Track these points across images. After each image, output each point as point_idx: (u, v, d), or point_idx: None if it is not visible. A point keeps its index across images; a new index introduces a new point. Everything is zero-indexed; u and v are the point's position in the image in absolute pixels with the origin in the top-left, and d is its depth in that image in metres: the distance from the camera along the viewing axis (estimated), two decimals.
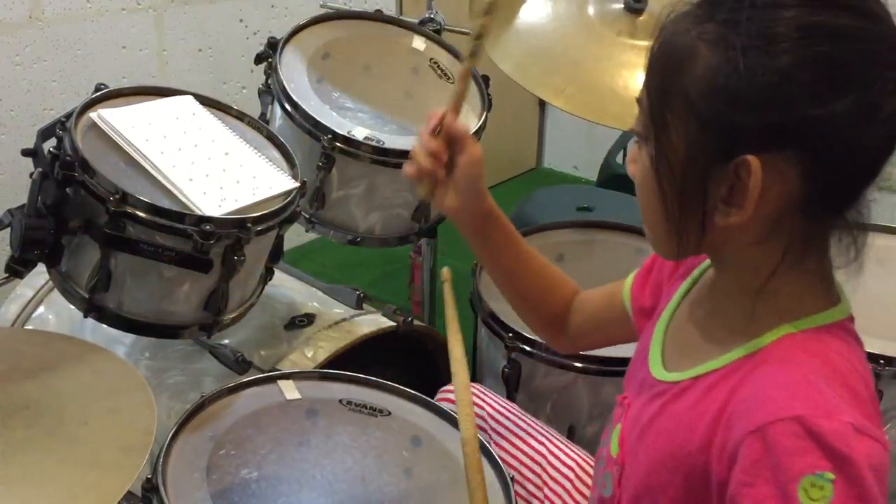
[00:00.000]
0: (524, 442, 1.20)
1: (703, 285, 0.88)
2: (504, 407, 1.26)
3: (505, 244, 1.07)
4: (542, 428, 1.23)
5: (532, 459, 1.18)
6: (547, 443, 1.19)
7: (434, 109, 0.99)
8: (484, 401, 1.27)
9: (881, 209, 2.64)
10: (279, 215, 1.32)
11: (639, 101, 0.77)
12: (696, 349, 0.82)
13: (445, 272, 1.13)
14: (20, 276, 1.29)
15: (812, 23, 0.68)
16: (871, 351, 1.34)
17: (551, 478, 1.15)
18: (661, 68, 0.74)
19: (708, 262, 0.87)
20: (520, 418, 1.24)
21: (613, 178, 2.49)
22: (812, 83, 0.67)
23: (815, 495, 0.65)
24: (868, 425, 0.68)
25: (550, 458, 1.17)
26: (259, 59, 1.61)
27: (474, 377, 1.68)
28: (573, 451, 1.18)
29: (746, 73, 0.68)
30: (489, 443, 1.17)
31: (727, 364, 0.77)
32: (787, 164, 0.69)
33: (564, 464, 1.16)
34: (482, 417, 1.23)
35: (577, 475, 1.15)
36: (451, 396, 1.26)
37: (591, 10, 1.75)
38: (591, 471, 1.13)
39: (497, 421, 1.23)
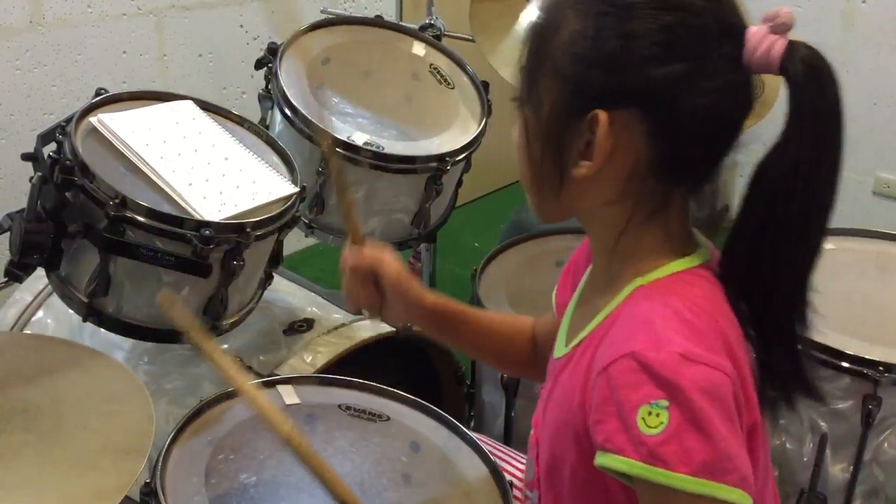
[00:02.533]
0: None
1: (590, 272, 0.94)
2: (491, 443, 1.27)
3: (457, 329, 1.13)
4: (509, 450, 1.25)
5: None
6: (515, 462, 1.21)
7: (344, 252, 1.08)
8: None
9: (881, 215, 2.63)
10: (279, 220, 1.32)
11: (521, 68, 0.84)
12: (580, 321, 0.88)
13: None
14: (19, 280, 1.29)
15: None
16: (872, 358, 1.35)
17: (518, 489, 1.16)
18: (537, 34, 0.82)
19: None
20: (497, 448, 1.26)
21: None
22: (653, 47, 0.75)
23: (653, 423, 0.70)
24: (699, 353, 0.72)
25: (518, 473, 1.18)
26: (259, 64, 1.61)
27: (474, 384, 1.68)
28: None
29: (600, 37, 0.76)
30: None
31: (595, 327, 0.83)
32: (632, 120, 0.77)
33: None
34: None
35: None
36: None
37: None
38: None
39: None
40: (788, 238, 0.79)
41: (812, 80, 0.75)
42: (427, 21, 1.91)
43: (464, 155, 1.61)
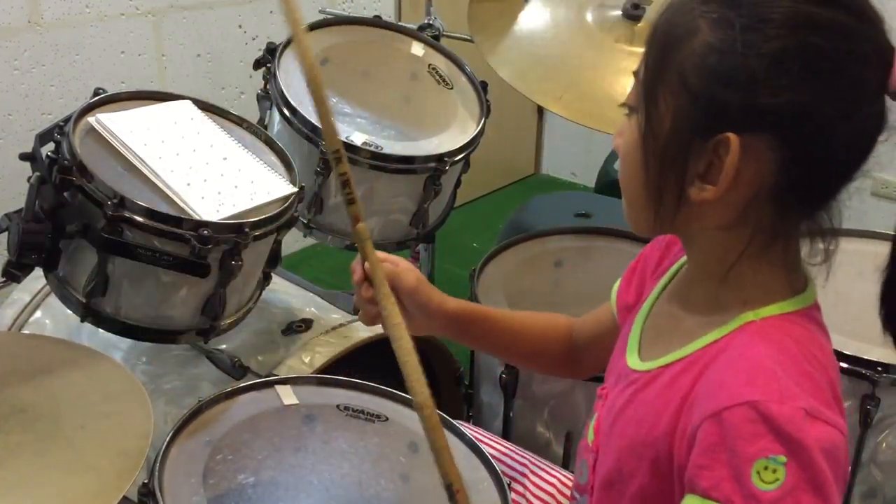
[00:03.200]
0: (501, 461, 1.20)
1: (679, 279, 0.90)
2: (489, 437, 1.26)
3: (486, 331, 1.09)
4: (522, 451, 1.24)
5: (516, 472, 1.19)
6: (529, 464, 1.21)
7: (352, 265, 1.02)
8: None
9: (881, 217, 2.63)
10: (277, 220, 1.32)
11: (635, 73, 0.79)
12: (667, 339, 0.84)
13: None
14: (17, 280, 1.28)
15: (806, 13, 0.70)
16: (870, 358, 1.35)
17: (533, 495, 1.15)
18: (662, 42, 0.76)
19: (685, 258, 0.89)
20: (498, 442, 1.25)
21: (611, 185, 2.49)
22: (798, 71, 0.70)
23: (768, 478, 0.67)
24: (821, 410, 0.70)
25: (531, 476, 1.18)
26: (258, 64, 1.61)
27: (472, 385, 1.68)
28: (555, 470, 1.20)
29: (739, 53, 0.70)
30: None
31: (693, 352, 0.79)
32: (764, 147, 0.71)
33: (545, 480, 1.18)
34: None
35: (557, 489, 1.16)
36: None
37: (589, 17, 1.75)
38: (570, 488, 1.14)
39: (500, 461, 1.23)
40: None
41: None
42: (426, 21, 1.91)
43: (462, 155, 1.61)
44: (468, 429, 1.19)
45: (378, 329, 1.52)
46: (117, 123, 1.32)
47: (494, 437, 1.27)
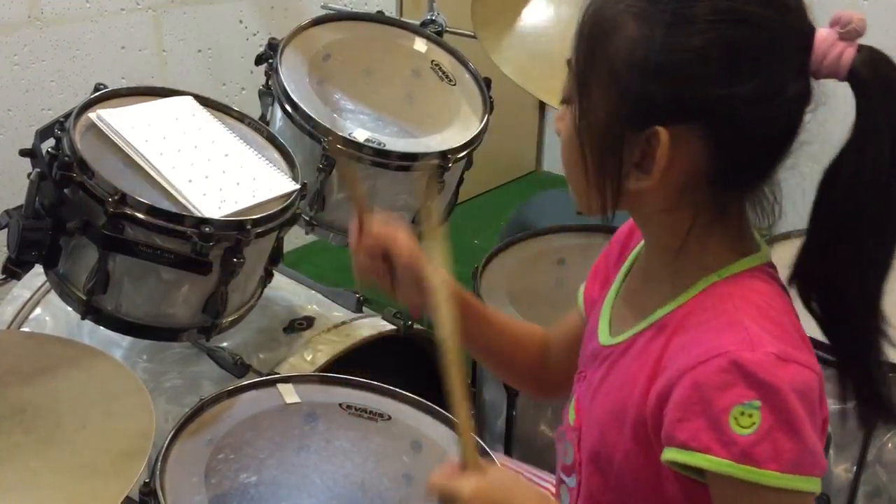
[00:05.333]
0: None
1: (640, 258, 0.93)
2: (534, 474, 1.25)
3: (472, 320, 1.06)
4: (514, 463, 1.25)
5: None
6: (524, 472, 1.21)
7: (352, 223, 1.00)
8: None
9: None
10: (279, 217, 1.31)
11: (568, 63, 0.82)
12: (635, 312, 0.87)
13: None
14: (17, 277, 1.28)
15: (724, 8, 0.73)
16: None
17: None
18: (590, 35, 0.78)
19: (644, 242, 0.93)
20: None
21: None
22: (720, 64, 0.72)
23: (745, 423, 0.70)
24: (791, 352, 0.72)
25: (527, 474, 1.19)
26: (260, 60, 1.60)
27: (475, 383, 1.67)
28: (547, 481, 1.19)
29: (663, 49, 0.73)
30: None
31: (662, 317, 0.82)
32: (693, 137, 0.74)
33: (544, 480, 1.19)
34: None
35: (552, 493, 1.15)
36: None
37: None
38: None
39: None
40: (864, 240, 0.77)
41: (882, 87, 0.74)
42: (428, 17, 1.90)
43: (465, 152, 1.60)
44: None
45: (380, 327, 1.53)
46: (118, 119, 1.31)
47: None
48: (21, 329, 1.56)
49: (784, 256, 0.83)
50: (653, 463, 0.78)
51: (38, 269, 1.29)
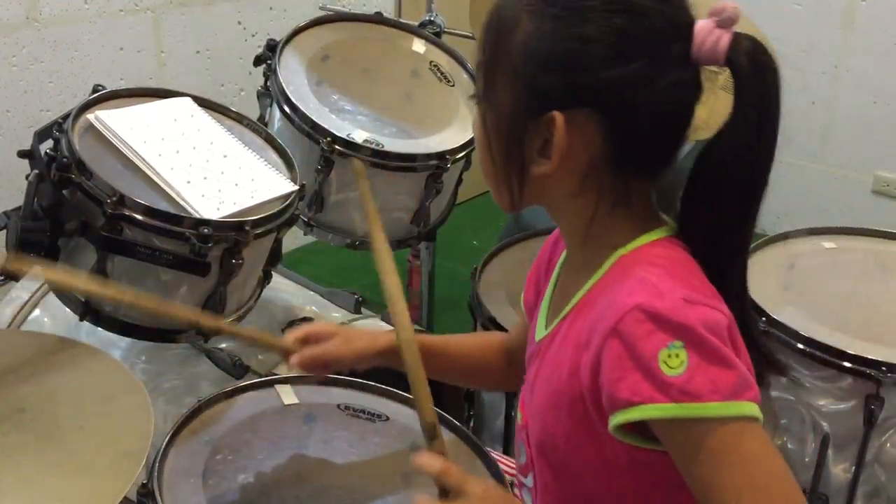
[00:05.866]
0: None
1: (565, 259, 0.97)
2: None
3: (433, 360, 1.10)
4: (500, 456, 1.25)
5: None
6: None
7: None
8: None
9: (882, 214, 2.61)
10: (278, 218, 1.31)
11: (477, 64, 0.87)
12: (560, 302, 0.92)
13: (358, 165, 1.20)
14: (16, 278, 1.28)
15: (610, 0, 0.79)
16: (874, 357, 1.34)
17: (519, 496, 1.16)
18: (493, 34, 0.84)
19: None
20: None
21: None
22: (605, 51, 0.78)
23: (674, 363, 0.74)
24: (698, 297, 0.77)
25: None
26: (258, 61, 1.60)
27: None
28: None
29: (553, 39, 0.79)
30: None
31: (580, 298, 0.87)
32: (587, 120, 0.80)
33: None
34: None
35: None
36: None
37: None
38: None
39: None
40: (730, 214, 0.83)
41: (755, 71, 0.79)
42: (427, 18, 1.90)
43: (464, 153, 1.60)
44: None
45: (379, 328, 1.53)
46: (116, 120, 1.31)
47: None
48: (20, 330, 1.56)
49: (780, 257, 0.84)
50: (595, 439, 0.81)
51: None
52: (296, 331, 1.13)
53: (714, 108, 0.83)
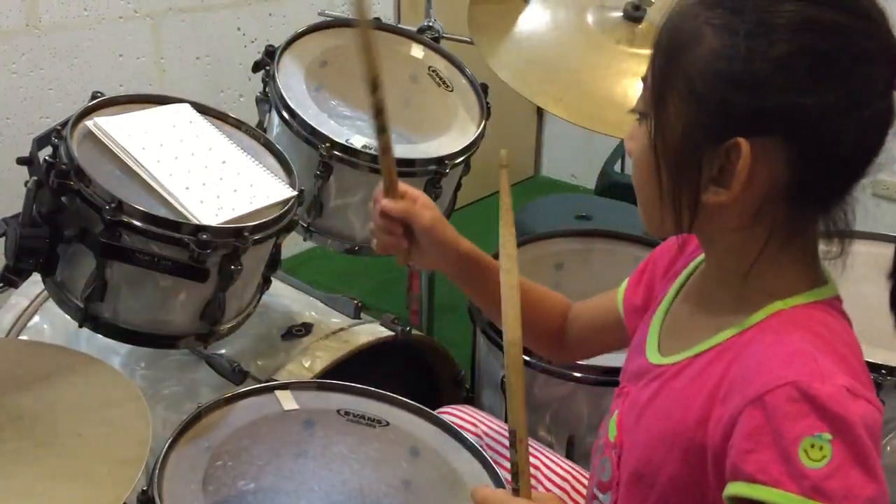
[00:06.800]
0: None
1: (696, 277, 0.91)
2: (499, 425, 1.25)
3: (489, 279, 1.08)
4: (537, 444, 1.24)
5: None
6: (541, 456, 1.20)
7: (376, 193, 1.05)
8: (477, 419, 1.26)
9: (882, 218, 2.62)
10: (277, 224, 1.31)
11: (643, 79, 0.81)
12: (690, 333, 0.84)
13: (504, 155, 1.08)
14: (15, 285, 1.28)
15: (810, 17, 0.71)
16: (874, 360, 1.34)
17: (546, 490, 1.14)
18: (667, 48, 0.77)
19: (701, 257, 0.90)
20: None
21: (612, 187, 2.48)
22: (804, 74, 0.71)
23: (816, 456, 0.67)
24: (860, 388, 0.71)
25: (545, 470, 1.18)
26: (257, 67, 1.60)
27: (473, 389, 1.67)
28: (568, 464, 1.19)
29: (745, 59, 0.72)
30: (483, 448, 1.16)
31: (721, 342, 0.80)
32: (774, 149, 0.73)
33: (559, 475, 1.17)
34: (477, 435, 1.22)
35: (572, 486, 1.16)
36: (453, 412, 1.25)
37: (589, 19, 1.74)
38: (585, 482, 1.13)
39: (492, 437, 1.22)
40: None
41: None
42: (425, 23, 1.90)
43: (463, 158, 1.60)
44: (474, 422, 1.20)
45: (378, 333, 1.53)
46: (115, 127, 1.31)
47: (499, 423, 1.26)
48: (19, 337, 1.56)
49: None
50: (700, 488, 0.76)
51: (36, 277, 1.29)
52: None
53: None
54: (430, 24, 1.89)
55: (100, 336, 1.31)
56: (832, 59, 0.71)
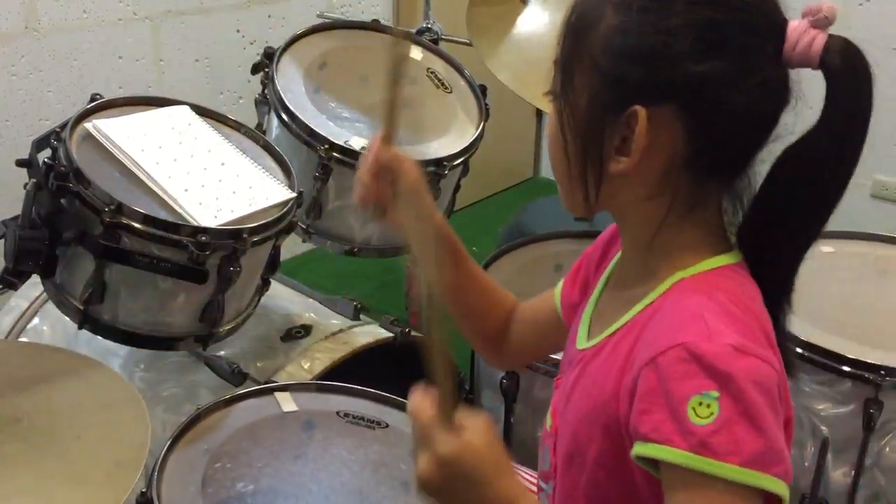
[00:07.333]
0: None
1: (618, 265, 0.94)
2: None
3: (457, 261, 1.09)
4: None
5: None
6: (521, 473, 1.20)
7: (371, 143, 1.05)
8: None
9: (880, 218, 2.62)
10: (275, 226, 1.31)
11: (554, 61, 0.84)
12: (610, 315, 0.87)
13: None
14: (14, 287, 1.28)
15: None
16: (873, 362, 1.34)
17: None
18: (574, 28, 0.81)
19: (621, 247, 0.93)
20: None
21: None
22: (694, 43, 0.74)
23: (703, 413, 0.70)
24: (749, 345, 0.73)
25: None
26: (256, 68, 1.60)
27: (472, 390, 1.67)
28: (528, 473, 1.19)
29: (639, 32, 0.76)
30: None
31: (633, 317, 0.83)
32: (671, 117, 0.76)
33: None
34: None
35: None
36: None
37: None
38: None
39: None
40: (795, 222, 0.81)
41: (849, 75, 0.76)
42: (424, 25, 1.90)
43: (461, 159, 1.60)
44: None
45: (378, 335, 1.53)
46: (114, 129, 1.31)
47: None
48: (19, 339, 1.56)
49: None
50: (625, 461, 0.78)
51: (36, 279, 1.29)
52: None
53: None
54: (429, 25, 1.90)
55: (99, 338, 1.32)
56: (719, 29, 0.75)
